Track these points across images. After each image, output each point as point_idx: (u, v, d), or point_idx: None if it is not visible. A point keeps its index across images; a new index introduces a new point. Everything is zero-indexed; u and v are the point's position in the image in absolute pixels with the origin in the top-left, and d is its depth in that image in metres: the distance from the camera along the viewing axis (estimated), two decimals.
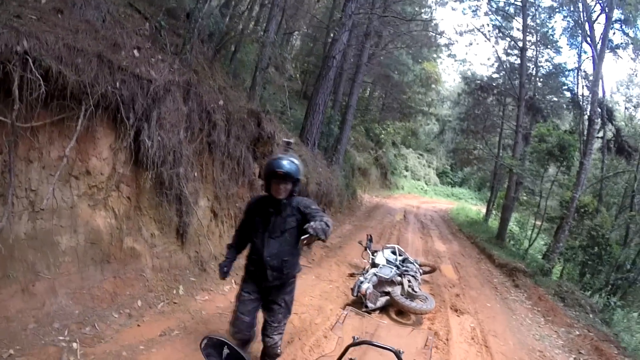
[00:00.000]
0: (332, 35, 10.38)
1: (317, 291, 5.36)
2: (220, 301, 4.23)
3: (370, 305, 4.83)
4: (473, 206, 24.19)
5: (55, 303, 2.71)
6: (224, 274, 2.66)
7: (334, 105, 13.18)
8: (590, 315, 7.49)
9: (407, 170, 29.37)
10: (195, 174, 4.82)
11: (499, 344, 4.89)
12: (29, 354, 2.34)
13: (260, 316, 2.79)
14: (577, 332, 6.15)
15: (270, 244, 2.50)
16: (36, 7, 2.94)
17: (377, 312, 5.00)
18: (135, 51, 3.75)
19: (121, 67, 3.25)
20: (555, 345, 5.51)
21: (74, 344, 2.58)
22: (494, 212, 18.02)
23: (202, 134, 4.96)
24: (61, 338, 2.59)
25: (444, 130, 29.48)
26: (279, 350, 2.80)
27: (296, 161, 2.44)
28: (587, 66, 14.17)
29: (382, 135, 21.76)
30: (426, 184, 30.78)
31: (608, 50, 12.17)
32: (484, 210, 19.87)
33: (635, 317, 8.54)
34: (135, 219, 3.95)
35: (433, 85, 26.17)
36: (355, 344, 1.45)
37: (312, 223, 2.08)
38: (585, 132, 11.59)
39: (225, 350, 1.17)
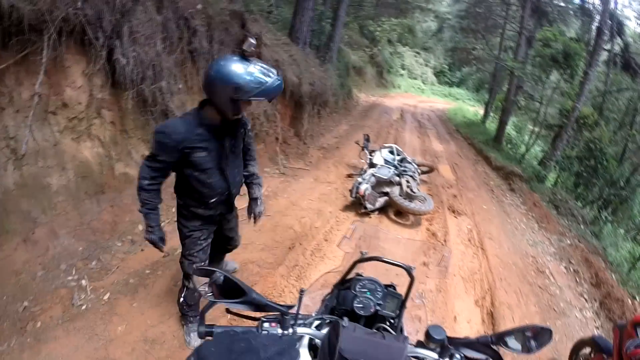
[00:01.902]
0: None
1: (316, 194, 5.37)
2: None
3: (369, 206, 4.83)
4: (471, 107, 23.99)
5: (58, 245, 2.78)
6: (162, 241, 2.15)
7: (325, 1, 12.05)
8: (582, 226, 7.69)
9: (403, 69, 28.31)
10: (180, 86, 4.58)
11: (494, 247, 5.03)
12: (42, 302, 2.46)
13: None
14: (568, 242, 6.32)
15: (231, 173, 2.11)
16: None
17: (376, 212, 5.05)
18: None
19: None
20: (548, 252, 5.66)
21: (83, 281, 2.72)
22: (491, 114, 17.97)
23: (181, 43, 4.61)
24: (70, 278, 2.71)
25: (442, 28, 27.55)
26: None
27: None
28: None
29: (378, 33, 20.34)
30: (423, 83, 29.94)
31: None
32: (481, 111, 19.82)
33: (622, 233, 8.98)
34: (123, 143, 3.85)
35: None
36: (363, 260, 1.34)
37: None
38: (593, 42, 11.12)
39: (219, 277, 1.09)
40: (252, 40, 1.74)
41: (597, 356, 2.79)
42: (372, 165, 5.53)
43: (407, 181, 5.28)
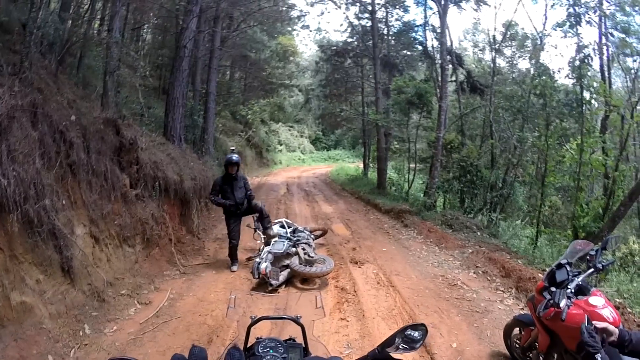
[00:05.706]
0: (181, 23, 10.26)
1: (221, 285, 5.59)
2: (129, 326, 4.29)
3: (274, 282, 5.20)
4: (351, 164, 26.89)
5: None
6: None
7: (194, 96, 13.27)
8: (478, 233, 8.62)
9: (281, 145, 30.97)
10: (64, 202, 4.65)
11: (404, 281, 5.61)
12: None
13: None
14: (470, 250, 7.05)
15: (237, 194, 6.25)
16: None
17: (284, 286, 5.43)
18: None
19: None
20: (454, 267, 6.37)
21: None
22: (370, 165, 19.93)
23: (59, 157, 4.77)
24: None
25: (309, 99, 31.40)
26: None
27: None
28: (435, 20, 16.06)
29: (249, 116, 22.40)
30: (302, 153, 33.09)
31: (452, 4, 14.15)
32: (361, 165, 22.05)
33: (518, 224, 10.42)
34: (15, 270, 3.77)
35: (291, 58, 27.87)
36: (255, 322, 1.52)
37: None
38: (440, 79, 13.58)
39: None
40: (234, 147, 4.61)
41: (526, 331, 3.19)
42: (267, 243, 6.06)
43: (303, 249, 5.89)
